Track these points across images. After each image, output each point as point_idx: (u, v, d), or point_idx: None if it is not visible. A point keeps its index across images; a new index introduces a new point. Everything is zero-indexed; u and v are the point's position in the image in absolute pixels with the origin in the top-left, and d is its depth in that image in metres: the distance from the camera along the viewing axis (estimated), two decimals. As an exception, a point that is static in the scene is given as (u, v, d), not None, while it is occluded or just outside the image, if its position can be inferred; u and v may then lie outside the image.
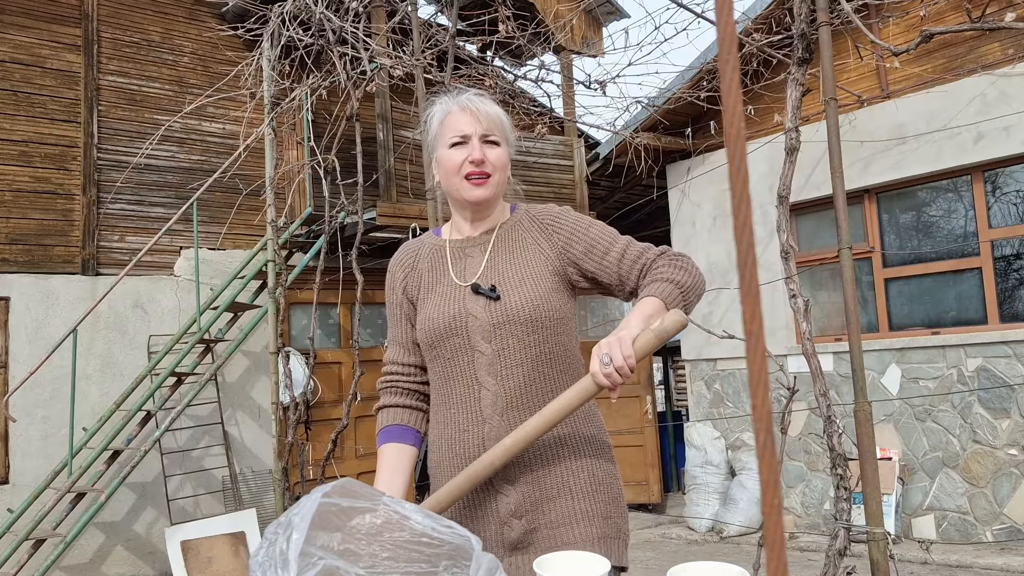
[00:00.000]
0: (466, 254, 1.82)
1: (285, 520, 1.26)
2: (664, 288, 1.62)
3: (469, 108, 1.77)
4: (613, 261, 1.75)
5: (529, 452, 1.67)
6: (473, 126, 1.76)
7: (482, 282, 1.74)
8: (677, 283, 1.64)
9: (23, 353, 6.42)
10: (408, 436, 1.81)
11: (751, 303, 0.58)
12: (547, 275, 1.75)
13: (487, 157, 1.76)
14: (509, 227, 1.83)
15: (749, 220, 0.58)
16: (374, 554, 1.27)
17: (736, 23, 1.29)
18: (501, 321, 1.70)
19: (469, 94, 1.81)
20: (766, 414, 0.59)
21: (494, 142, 1.78)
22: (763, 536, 0.89)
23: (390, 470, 1.75)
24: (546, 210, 1.84)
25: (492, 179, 1.77)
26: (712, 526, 7.14)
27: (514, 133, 1.85)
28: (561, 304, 1.74)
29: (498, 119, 1.79)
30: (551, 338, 1.72)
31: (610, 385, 1.48)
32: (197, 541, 6.04)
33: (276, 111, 6.61)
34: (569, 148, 8.13)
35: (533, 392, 1.70)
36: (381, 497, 1.33)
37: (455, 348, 1.72)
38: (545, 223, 1.81)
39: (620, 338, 1.49)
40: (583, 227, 1.78)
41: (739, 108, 0.59)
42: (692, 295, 1.66)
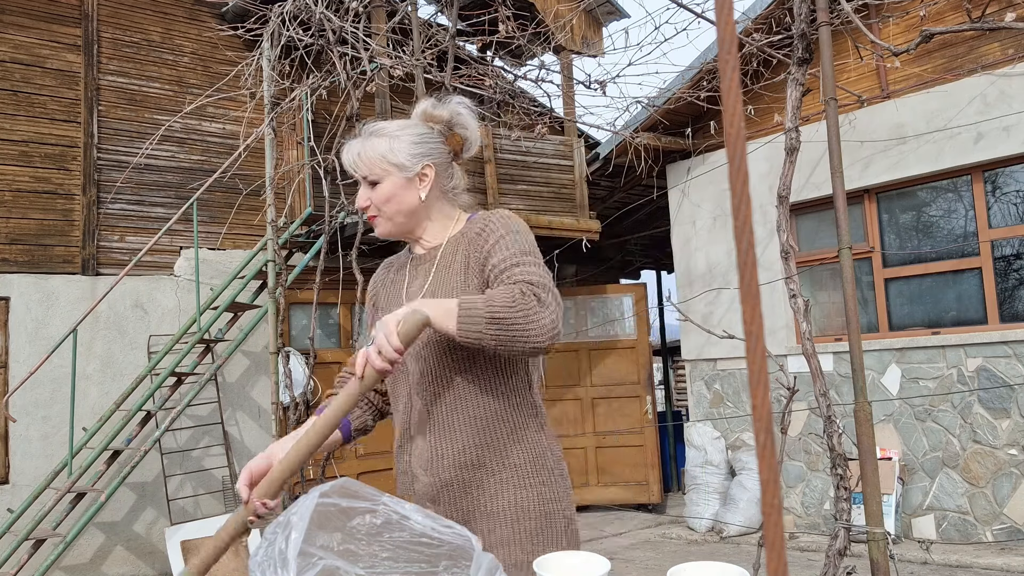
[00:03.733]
0: (418, 272, 1.85)
1: (284, 520, 1.26)
2: (474, 303, 1.52)
3: (347, 159, 1.81)
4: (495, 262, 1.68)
5: (448, 470, 1.70)
6: (355, 172, 1.81)
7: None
8: (492, 312, 1.51)
9: (23, 353, 6.42)
10: (347, 430, 1.86)
11: (751, 303, 0.58)
12: (475, 291, 1.72)
13: (369, 198, 1.80)
14: (455, 242, 1.81)
15: (749, 220, 0.58)
16: (374, 554, 1.27)
17: (736, 23, 1.29)
18: (425, 341, 1.71)
19: (349, 143, 1.82)
20: (766, 414, 0.59)
21: (375, 181, 1.79)
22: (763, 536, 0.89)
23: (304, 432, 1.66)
24: (486, 217, 1.78)
25: (380, 217, 1.80)
26: (712, 526, 7.14)
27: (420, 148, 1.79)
28: None
29: (374, 158, 1.77)
30: (475, 359, 1.70)
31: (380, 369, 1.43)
32: (197, 541, 6.04)
33: (276, 111, 6.61)
34: (569, 148, 8.13)
35: (456, 412, 1.71)
36: (381, 497, 1.33)
37: (398, 368, 1.76)
38: (476, 231, 1.75)
39: (386, 323, 1.44)
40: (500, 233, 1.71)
41: (739, 108, 0.59)
42: (502, 333, 1.52)
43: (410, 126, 1.81)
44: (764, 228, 7.19)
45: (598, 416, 8.75)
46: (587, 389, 8.80)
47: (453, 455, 1.70)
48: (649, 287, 9.32)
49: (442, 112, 1.82)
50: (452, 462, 1.70)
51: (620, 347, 8.81)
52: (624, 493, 8.63)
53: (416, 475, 1.73)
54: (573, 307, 9.01)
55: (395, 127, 1.80)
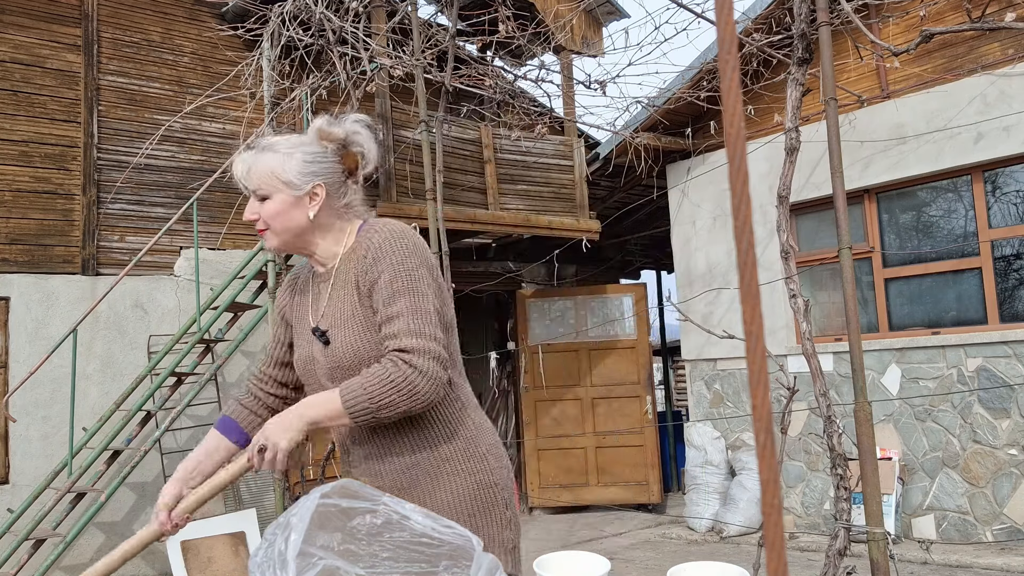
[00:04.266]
0: (319, 290, 1.88)
1: (284, 521, 1.26)
2: (356, 395, 1.62)
3: (236, 172, 1.84)
4: (380, 318, 1.73)
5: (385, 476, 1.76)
6: (245, 186, 1.84)
7: (321, 323, 1.82)
8: (370, 397, 1.61)
9: (23, 353, 6.42)
10: (231, 431, 1.94)
11: (751, 303, 0.58)
12: (366, 310, 1.76)
13: (258, 212, 1.84)
14: (347, 257, 1.84)
15: (749, 220, 0.58)
16: (374, 554, 1.27)
17: (736, 23, 1.29)
18: (334, 365, 1.78)
19: (243, 155, 1.84)
20: (766, 414, 0.59)
21: (264, 196, 1.83)
22: (763, 536, 0.89)
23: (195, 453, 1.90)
24: (370, 235, 1.79)
25: (270, 231, 1.84)
26: (712, 526, 7.14)
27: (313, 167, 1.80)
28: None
29: (264, 174, 1.80)
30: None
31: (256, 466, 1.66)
32: (197, 541, 6.04)
33: (276, 111, 6.61)
34: (569, 148, 8.13)
35: (375, 439, 1.78)
36: (381, 497, 1.33)
37: (313, 387, 1.84)
38: (363, 252, 1.78)
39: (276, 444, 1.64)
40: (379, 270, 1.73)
41: (739, 108, 0.59)
42: (385, 409, 1.63)
43: (303, 144, 1.82)
44: (764, 228, 7.19)
45: (598, 416, 8.75)
46: (587, 389, 8.80)
47: (389, 459, 1.77)
48: (649, 287, 9.33)
49: (337, 131, 1.82)
50: (390, 467, 1.77)
51: (620, 347, 8.81)
52: (624, 493, 8.63)
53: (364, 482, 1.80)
54: (573, 307, 9.02)
55: (288, 144, 1.81)
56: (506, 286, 9.10)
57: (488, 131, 7.49)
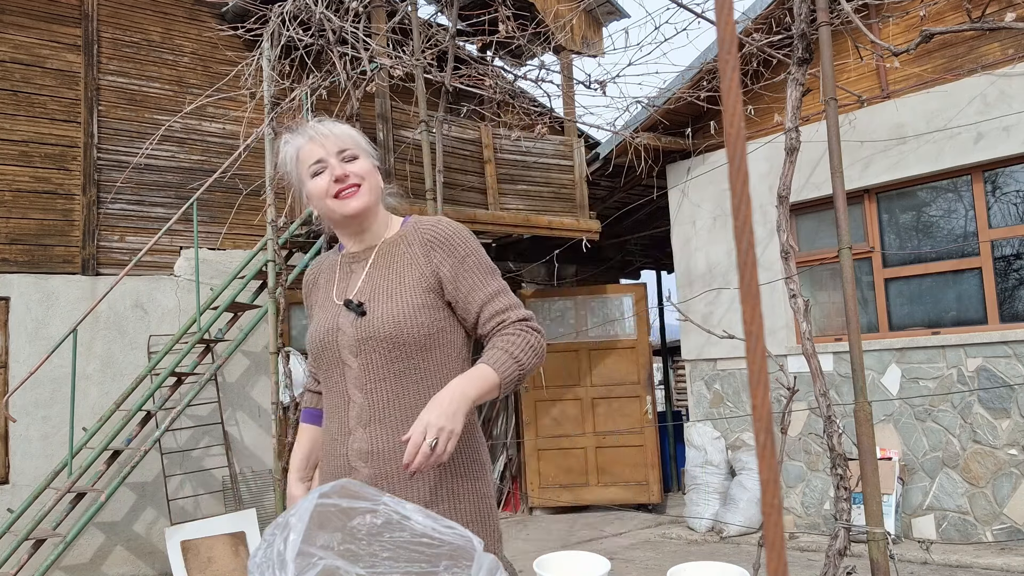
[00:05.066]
0: (351, 270, 1.89)
1: (283, 521, 1.26)
2: (506, 363, 1.69)
3: (318, 135, 1.83)
4: (475, 304, 1.78)
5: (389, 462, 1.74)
6: (326, 148, 1.82)
7: (356, 298, 1.81)
8: (519, 362, 1.70)
9: (23, 353, 6.42)
10: (320, 418, 2.00)
11: (751, 303, 0.58)
12: (419, 291, 1.78)
13: (349, 170, 1.82)
14: (393, 241, 1.86)
15: (749, 220, 0.58)
16: (374, 554, 1.27)
17: (736, 23, 1.29)
18: (365, 336, 1.76)
19: (313, 124, 1.87)
20: (766, 414, 0.59)
21: (353, 156, 1.83)
22: (763, 536, 0.89)
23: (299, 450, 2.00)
24: (435, 225, 1.84)
25: (362, 188, 1.82)
26: (712, 526, 7.14)
27: (371, 147, 1.90)
28: (431, 321, 1.77)
29: (348, 135, 1.85)
30: (417, 354, 1.76)
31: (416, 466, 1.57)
32: (197, 541, 6.04)
33: (276, 111, 6.61)
34: (569, 148, 8.13)
35: (397, 407, 1.76)
36: (381, 497, 1.33)
37: (329, 362, 1.82)
38: (427, 238, 1.82)
39: (452, 430, 1.58)
40: (461, 255, 1.80)
41: (739, 108, 0.59)
42: (527, 374, 1.74)
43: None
44: (764, 228, 7.19)
45: (598, 416, 8.75)
46: (587, 389, 8.80)
47: (395, 448, 1.74)
48: (649, 287, 9.33)
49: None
50: (393, 455, 1.74)
51: (620, 347, 8.81)
52: (624, 493, 8.63)
53: (354, 467, 1.77)
54: (573, 307, 9.01)
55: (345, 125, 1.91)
56: (506, 286, 9.08)
57: (488, 131, 7.49)
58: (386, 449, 1.74)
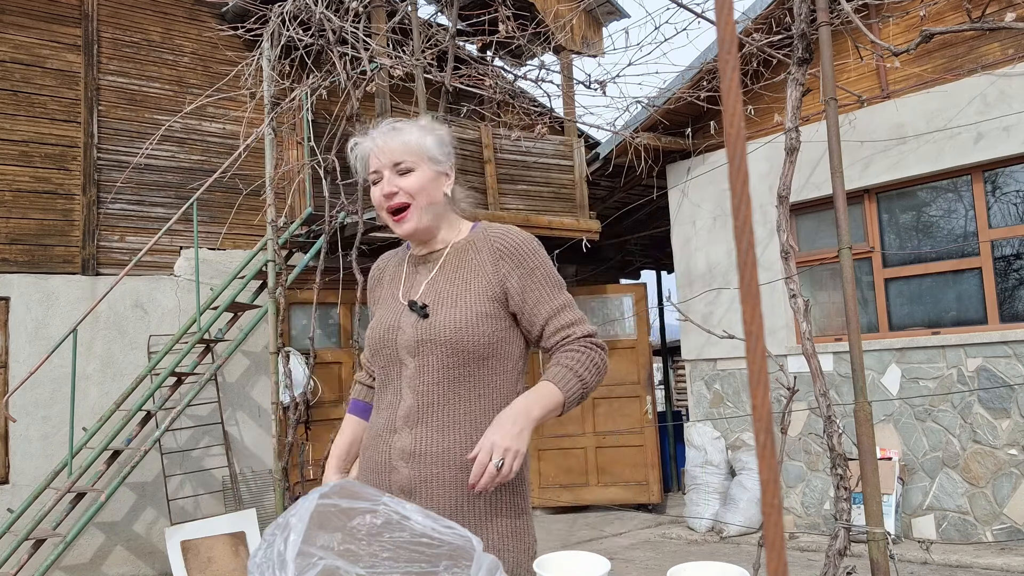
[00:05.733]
0: (417, 271, 1.88)
1: (283, 521, 1.26)
2: (570, 381, 1.69)
3: (376, 145, 1.80)
4: (541, 317, 1.77)
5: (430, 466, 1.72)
6: (382, 160, 1.80)
7: (421, 299, 1.80)
8: (583, 381, 1.71)
9: (23, 353, 6.42)
10: (367, 412, 1.99)
11: (751, 303, 0.58)
12: (484, 299, 1.77)
13: (399, 186, 1.78)
14: (461, 246, 1.85)
15: (749, 220, 0.58)
16: (374, 554, 1.27)
17: (736, 23, 1.29)
18: (425, 339, 1.75)
19: (381, 128, 1.83)
20: (766, 414, 0.59)
21: (407, 169, 1.79)
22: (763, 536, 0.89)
23: (341, 440, 1.98)
24: (505, 234, 1.82)
25: (411, 208, 1.79)
26: (712, 526, 7.14)
27: (444, 143, 1.83)
28: (492, 331, 1.75)
29: (408, 145, 1.79)
30: (473, 362, 1.75)
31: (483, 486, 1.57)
32: (197, 541, 6.04)
33: (276, 111, 6.61)
34: (569, 148, 8.13)
35: (446, 411, 1.74)
36: (381, 497, 1.33)
37: (387, 358, 1.81)
38: (496, 247, 1.80)
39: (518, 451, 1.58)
40: (530, 266, 1.78)
41: (739, 108, 0.59)
42: (589, 392, 1.75)
43: (434, 127, 1.85)
44: (764, 228, 7.19)
45: (598, 416, 8.75)
46: (587, 389, 8.79)
47: (439, 452, 1.72)
48: (649, 287, 9.33)
49: (445, 130, 1.89)
50: (436, 459, 1.72)
51: (620, 347, 8.81)
52: (624, 493, 8.63)
53: (395, 466, 1.75)
54: (573, 307, 9.01)
55: (422, 123, 1.84)
56: (506, 286, 9.09)
57: (488, 131, 7.49)
58: (429, 452, 1.72)
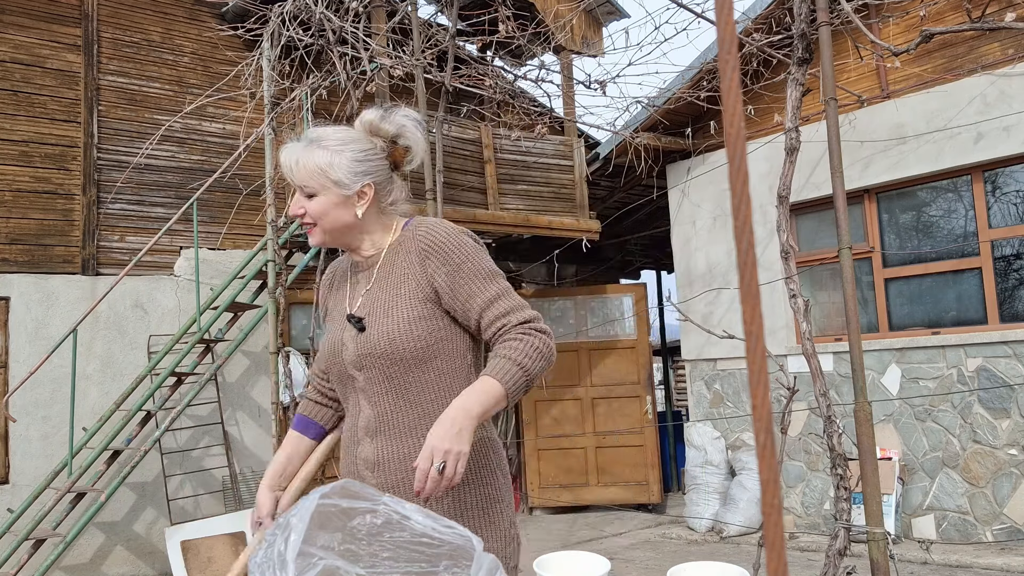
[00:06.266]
0: (358, 279, 1.88)
1: (283, 522, 1.26)
2: (510, 372, 1.63)
3: (284, 166, 1.80)
4: (475, 311, 1.74)
5: (394, 473, 1.75)
6: (293, 181, 1.80)
7: (358, 311, 1.81)
8: (524, 368, 1.64)
9: (23, 353, 6.42)
10: (309, 428, 1.97)
11: (751, 303, 0.58)
12: (415, 303, 1.75)
13: (304, 207, 1.79)
14: (393, 250, 1.83)
15: (749, 220, 0.58)
16: (375, 554, 1.27)
17: (736, 23, 1.29)
18: (364, 353, 1.76)
19: (290, 147, 1.81)
20: (766, 414, 0.59)
21: (311, 194, 1.79)
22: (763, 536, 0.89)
23: (279, 456, 1.93)
24: (429, 231, 1.79)
25: (317, 228, 1.80)
26: (712, 526, 7.14)
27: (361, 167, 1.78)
28: (428, 333, 1.74)
29: (311, 171, 1.76)
30: (416, 367, 1.74)
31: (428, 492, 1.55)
32: (197, 541, 6.04)
33: (276, 111, 6.61)
34: (569, 148, 8.13)
35: (401, 418, 1.75)
36: (382, 497, 1.33)
37: (339, 372, 1.82)
38: (421, 246, 1.78)
39: (460, 452, 1.55)
40: (456, 262, 1.75)
41: (739, 108, 0.59)
42: (535, 379, 1.68)
43: (354, 140, 1.80)
44: (764, 228, 7.19)
45: (598, 416, 8.75)
46: (587, 389, 8.80)
47: (400, 458, 1.74)
48: (649, 287, 9.33)
49: (388, 127, 1.82)
50: (399, 465, 1.74)
51: (620, 347, 8.81)
52: (624, 493, 8.63)
53: (363, 476, 1.78)
54: (573, 307, 9.02)
55: (338, 139, 1.79)
56: (506, 286, 9.08)
57: (488, 131, 7.49)
58: (391, 460, 1.75)
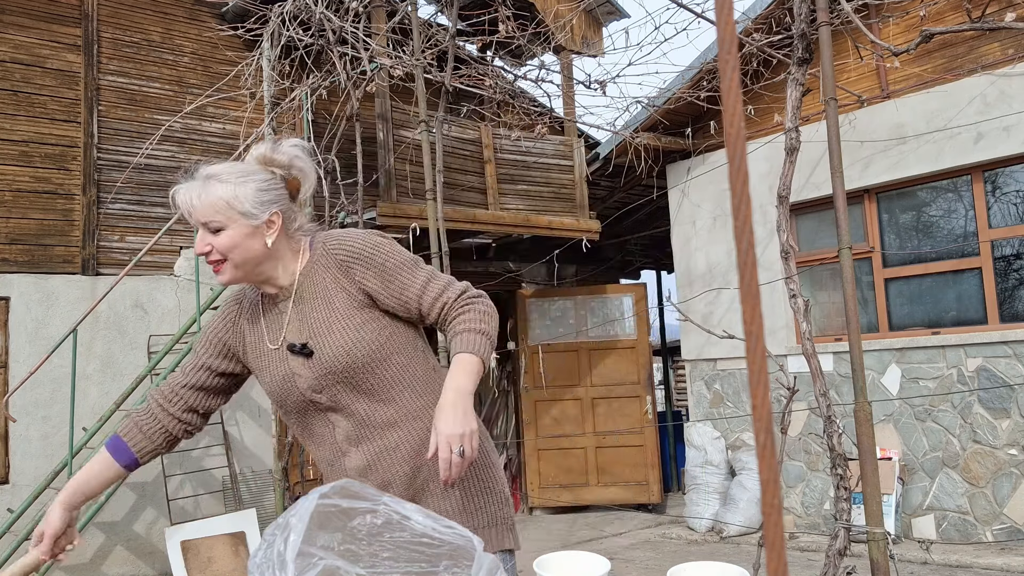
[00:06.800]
0: (278, 309, 1.84)
1: (283, 522, 1.26)
2: (478, 342, 1.71)
3: (185, 204, 1.77)
4: (412, 297, 1.78)
5: (389, 469, 1.77)
6: (194, 219, 1.77)
7: (294, 339, 1.79)
8: (486, 334, 1.73)
9: (23, 353, 6.42)
10: (121, 453, 1.86)
11: (751, 303, 0.58)
12: (354, 312, 1.77)
13: (211, 244, 1.75)
14: (308, 272, 1.82)
15: (749, 220, 0.58)
16: (375, 554, 1.27)
17: (736, 23, 1.29)
18: (323, 373, 1.76)
19: (184, 186, 1.79)
20: (766, 414, 0.59)
21: (217, 228, 1.75)
22: (763, 536, 0.89)
23: (80, 474, 1.82)
24: (340, 243, 1.81)
25: (226, 264, 1.76)
26: (712, 526, 7.14)
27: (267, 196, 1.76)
28: (377, 337, 1.77)
29: (215, 205, 1.74)
30: (378, 369, 1.76)
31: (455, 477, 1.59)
32: (197, 541, 6.04)
33: (276, 111, 6.61)
34: (569, 148, 8.13)
35: (377, 420, 1.78)
36: (382, 497, 1.33)
37: (297, 404, 1.80)
38: (341, 259, 1.79)
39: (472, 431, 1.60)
40: (379, 263, 1.78)
41: (739, 108, 0.59)
42: (495, 338, 1.77)
43: (253, 172, 1.79)
44: (764, 228, 7.19)
45: (598, 416, 8.75)
46: (587, 389, 8.80)
47: (389, 453, 1.78)
48: (649, 287, 9.33)
49: (281, 157, 1.82)
50: (391, 459, 1.78)
51: (620, 347, 8.81)
52: (624, 493, 8.63)
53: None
54: (573, 307, 9.02)
55: (236, 173, 1.78)
56: (506, 286, 9.10)
57: (488, 131, 7.49)
58: (382, 461, 1.78)
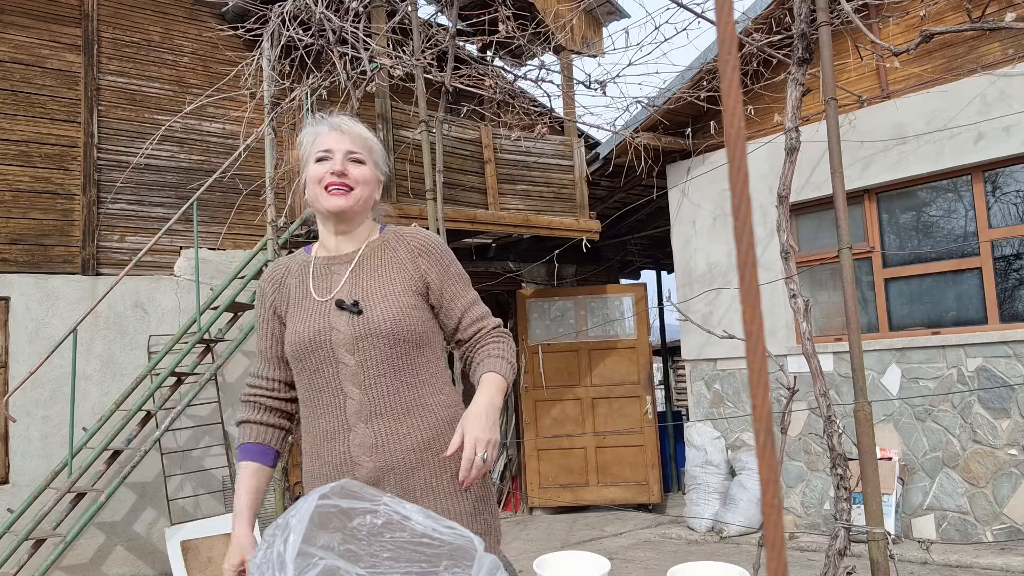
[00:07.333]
0: (332, 271, 1.92)
1: (283, 522, 1.26)
2: (507, 369, 1.85)
3: (338, 128, 1.89)
4: (457, 311, 1.91)
5: (394, 454, 1.79)
6: (339, 143, 1.87)
7: (345, 297, 1.85)
8: (512, 365, 1.87)
9: (23, 353, 6.42)
10: (267, 456, 1.93)
11: (751, 303, 0.58)
12: (409, 293, 1.86)
13: (348, 171, 1.86)
14: (376, 245, 1.93)
15: (749, 220, 0.58)
16: (375, 554, 1.27)
17: (736, 23, 1.29)
18: (363, 334, 1.80)
19: (341, 116, 1.93)
20: (766, 414, 0.59)
21: (359, 160, 1.88)
22: (763, 536, 0.89)
23: (247, 492, 1.86)
24: (416, 234, 1.94)
25: (353, 192, 1.87)
26: (712, 526, 7.14)
27: (385, 160, 1.97)
28: (422, 321, 1.86)
29: (365, 140, 1.91)
30: (412, 351, 1.84)
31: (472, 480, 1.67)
32: (197, 541, 6.04)
33: (276, 111, 6.61)
34: (569, 148, 8.13)
35: (397, 401, 1.81)
36: (382, 498, 1.33)
37: (320, 360, 1.82)
38: (413, 245, 1.91)
39: (496, 441, 1.71)
40: (446, 263, 1.92)
41: (739, 108, 0.59)
42: (516, 372, 1.90)
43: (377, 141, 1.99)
44: (764, 228, 7.19)
45: (598, 416, 8.75)
46: (587, 389, 8.80)
47: (399, 438, 1.79)
48: (649, 287, 9.33)
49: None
50: (399, 445, 1.79)
51: (620, 347, 8.81)
52: (624, 493, 8.63)
53: (358, 463, 1.79)
54: (573, 307, 9.01)
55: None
56: (506, 286, 9.10)
57: (488, 131, 7.49)
58: (391, 442, 1.79)
